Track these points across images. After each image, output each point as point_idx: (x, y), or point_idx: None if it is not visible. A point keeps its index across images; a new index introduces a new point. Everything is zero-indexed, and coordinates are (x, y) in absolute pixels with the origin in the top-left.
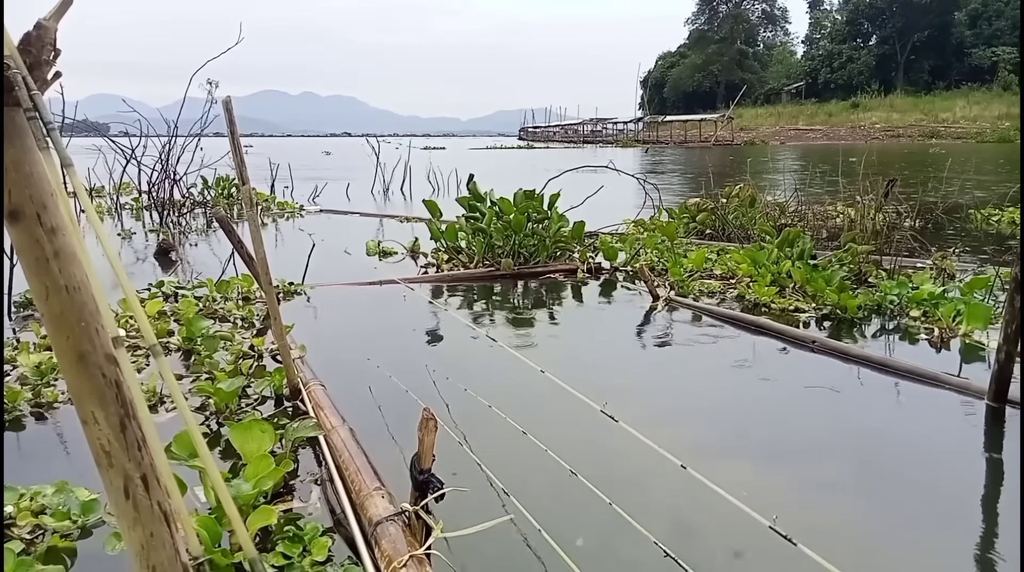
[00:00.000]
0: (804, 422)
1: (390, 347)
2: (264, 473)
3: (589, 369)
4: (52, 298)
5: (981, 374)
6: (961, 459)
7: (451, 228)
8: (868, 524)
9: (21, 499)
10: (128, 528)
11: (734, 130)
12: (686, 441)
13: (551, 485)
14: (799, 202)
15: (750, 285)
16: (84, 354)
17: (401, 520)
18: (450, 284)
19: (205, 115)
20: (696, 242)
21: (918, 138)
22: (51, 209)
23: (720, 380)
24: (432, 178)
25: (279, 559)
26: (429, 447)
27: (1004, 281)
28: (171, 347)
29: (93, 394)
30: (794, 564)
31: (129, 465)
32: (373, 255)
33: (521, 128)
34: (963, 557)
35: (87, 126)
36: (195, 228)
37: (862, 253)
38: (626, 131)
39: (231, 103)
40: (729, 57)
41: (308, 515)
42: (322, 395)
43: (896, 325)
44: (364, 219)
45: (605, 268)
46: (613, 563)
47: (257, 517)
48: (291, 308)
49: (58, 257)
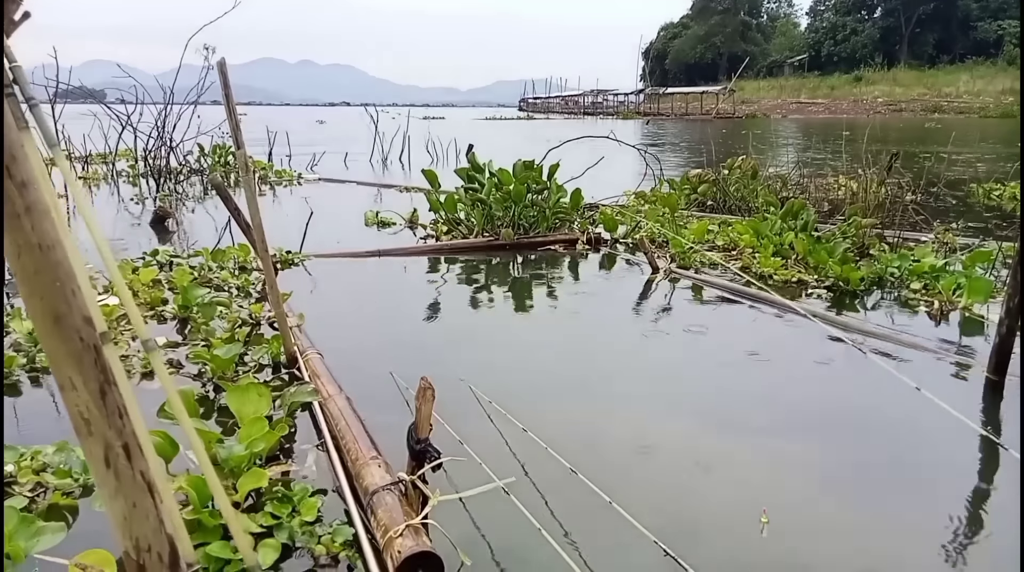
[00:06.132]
0: (799, 395)
1: (389, 317)
2: (257, 436)
3: (587, 342)
4: (24, 256)
5: (981, 347)
6: (959, 432)
7: (450, 199)
8: (863, 496)
9: (22, 458)
10: (110, 498)
11: (736, 103)
12: (677, 415)
13: (551, 465)
14: (801, 174)
15: (754, 256)
16: (60, 316)
17: (398, 489)
18: (449, 255)
19: (202, 82)
20: (697, 214)
21: (920, 112)
22: (21, 161)
23: (717, 352)
24: (431, 148)
25: (267, 519)
26: (426, 417)
27: (1006, 255)
28: (166, 316)
29: (70, 358)
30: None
31: (110, 433)
32: (372, 225)
33: (521, 99)
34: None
35: (83, 92)
36: (192, 195)
37: (866, 226)
38: (627, 103)
39: (225, 66)
40: (732, 28)
41: (303, 478)
42: (319, 363)
43: (897, 297)
44: (362, 188)
45: (605, 239)
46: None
47: (248, 479)
48: (289, 277)
49: (30, 213)
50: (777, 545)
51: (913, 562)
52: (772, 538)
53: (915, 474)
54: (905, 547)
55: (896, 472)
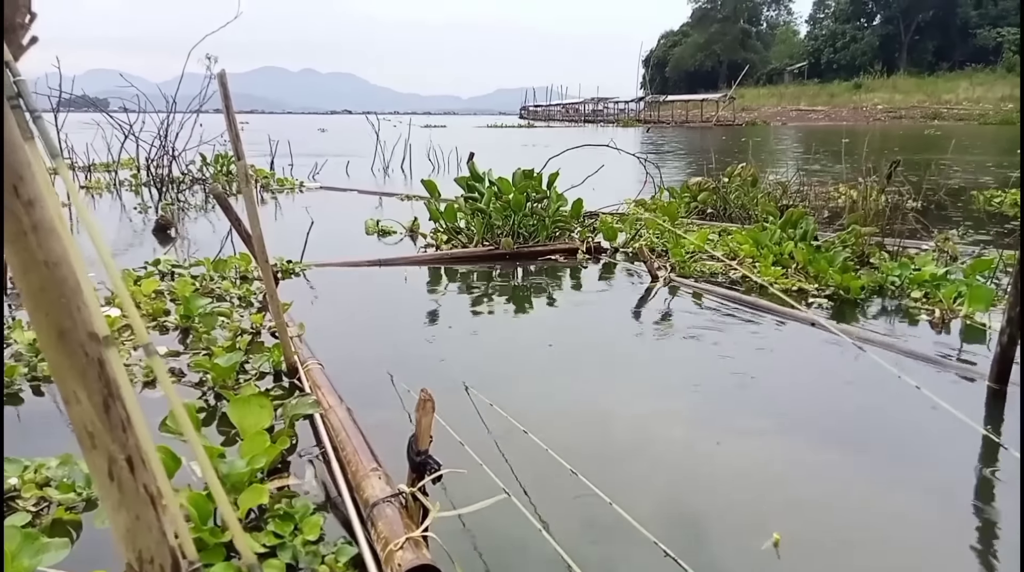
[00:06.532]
0: (801, 400)
1: (389, 326)
2: (259, 451)
3: (587, 350)
4: (31, 273)
5: (982, 356)
6: (961, 439)
7: (450, 208)
8: (865, 500)
9: (25, 471)
10: (113, 511)
11: (736, 110)
12: (674, 417)
13: (551, 468)
14: (801, 183)
15: (754, 265)
16: (65, 331)
17: (398, 501)
18: (449, 265)
19: (204, 91)
20: (697, 222)
21: (920, 119)
22: (28, 180)
23: (716, 359)
24: (432, 156)
25: (271, 538)
26: (426, 428)
27: (1007, 263)
28: (168, 326)
29: (75, 372)
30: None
31: (113, 446)
32: (372, 234)
33: (522, 107)
34: (957, 535)
35: (86, 101)
36: (194, 205)
37: (866, 234)
38: (627, 111)
39: (226, 76)
40: (732, 36)
41: (304, 493)
42: (320, 374)
43: (897, 306)
44: (364, 197)
45: (605, 248)
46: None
47: (248, 495)
48: (290, 286)
49: (36, 231)
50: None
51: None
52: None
53: (917, 473)
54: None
55: (903, 471)
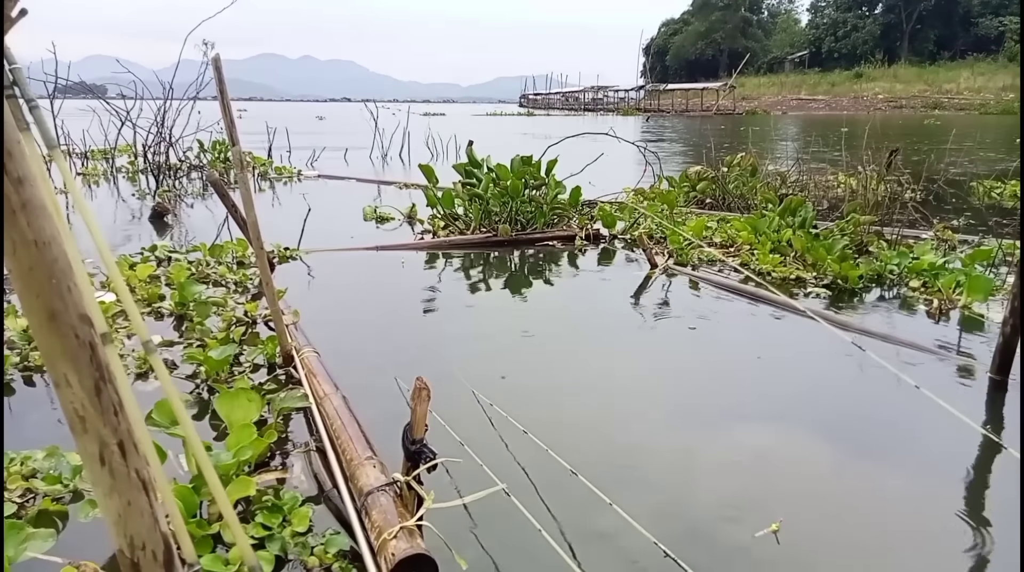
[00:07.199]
0: (796, 390)
1: (385, 312)
2: (245, 443)
3: (585, 336)
4: (20, 253)
5: (980, 346)
6: (961, 430)
7: (447, 194)
8: (864, 491)
9: (11, 463)
10: (104, 496)
11: (736, 99)
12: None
13: (546, 461)
14: (800, 172)
15: (752, 253)
16: (55, 313)
17: (392, 490)
18: (446, 250)
19: (201, 77)
20: (696, 211)
21: (921, 109)
22: (17, 157)
23: (711, 347)
24: (431, 144)
25: (259, 530)
26: (421, 417)
27: (1006, 253)
28: (163, 312)
29: (66, 355)
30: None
31: (104, 431)
32: (370, 221)
33: (522, 95)
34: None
35: (82, 88)
36: (191, 191)
37: (865, 223)
38: (627, 99)
39: (220, 61)
40: (733, 25)
41: (294, 488)
42: (315, 362)
43: (896, 295)
44: (362, 185)
45: (603, 235)
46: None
47: (235, 488)
48: (287, 273)
49: (25, 209)
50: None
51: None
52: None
53: (916, 468)
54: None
55: (898, 464)
